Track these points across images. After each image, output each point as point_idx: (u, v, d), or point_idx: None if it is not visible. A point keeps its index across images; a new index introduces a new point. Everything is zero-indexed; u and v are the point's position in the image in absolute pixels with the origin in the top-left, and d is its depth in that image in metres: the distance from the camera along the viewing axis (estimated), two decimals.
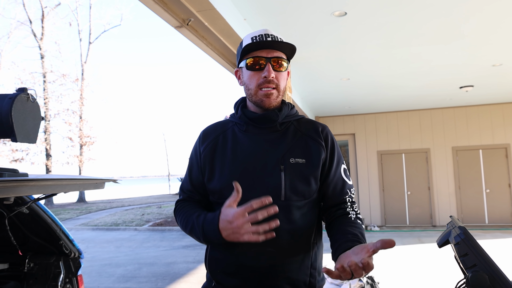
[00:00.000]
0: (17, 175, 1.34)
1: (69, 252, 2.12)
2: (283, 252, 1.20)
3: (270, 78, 1.23)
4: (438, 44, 5.10)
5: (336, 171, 1.30)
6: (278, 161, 1.23)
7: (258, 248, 1.18)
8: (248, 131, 1.30)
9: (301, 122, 1.35)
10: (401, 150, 10.57)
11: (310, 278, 1.23)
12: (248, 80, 1.27)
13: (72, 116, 24.86)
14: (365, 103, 9.38)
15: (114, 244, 10.11)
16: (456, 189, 10.13)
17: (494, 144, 9.98)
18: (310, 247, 1.25)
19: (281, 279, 1.20)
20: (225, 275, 1.25)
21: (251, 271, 1.21)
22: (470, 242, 0.80)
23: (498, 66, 6.20)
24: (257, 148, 1.26)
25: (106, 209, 20.74)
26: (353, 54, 5.45)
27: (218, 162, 1.29)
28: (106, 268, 7.18)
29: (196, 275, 6.45)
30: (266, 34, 1.26)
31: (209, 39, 4.05)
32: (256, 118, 1.28)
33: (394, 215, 10.48)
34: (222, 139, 1.32)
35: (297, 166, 1.23)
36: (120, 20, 37.42)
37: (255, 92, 1.26)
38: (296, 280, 1.21)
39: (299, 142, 1.28)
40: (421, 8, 3.92)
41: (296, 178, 1.22)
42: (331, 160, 1.30)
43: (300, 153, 1.26)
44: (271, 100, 1.25)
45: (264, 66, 1.23)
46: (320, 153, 1.27)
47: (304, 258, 1.23)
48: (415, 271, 6.01)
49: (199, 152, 1.34)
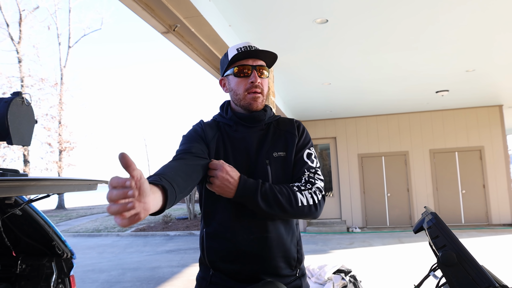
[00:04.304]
0: (18, 175, 1.39)
1: (61, 253, 2.15)
2: (275, 236, 1.36)
3: (257, 83, 1.38)
4: (416, 50, 5.31)
5: (299, 153, 1.44)
6: (264, 156, 1.39)
7: (255, 235, 1.34)
8: (238, 130, 1.43)
9: (280, 122, 1.51)
10: (380, 153, 10.83)
11: (297, 254, 1.42)
12: (236, 86, 1.41)
13: (51, 121, 24.36)
14: (346, 107, 9.59)
15: (96, 250, 9.99)
16: (434, 191, 10.45)
17: (469, 147, 10.35)
18: (294, 228, 1.44)
19: (277, 258, 1.35)
20: (224, 262, 1.36)
21: (250, 256, 1.34)
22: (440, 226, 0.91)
23: (471, 71, 6.48)
24: (248, 146, 1.41)
25: (87, 216, 20.39)
26: (334, 60, 5.62)
27: (221, 157, 1.38)
28: (89, 274, 7.11)
29: (181, 279, 6.46)
30: (250, 46, 1.41)
31: (194, 44, 4.13)
32: (246, 117, 1.42)
33: (375, 216, 10.72)
34: (220, 136, 1.44)
35: (279, 159, 1.40)
36: (100, 24, 36.99)
37: (243, 97, 1.40)
38: (288, 258, 1.38)
39: (279, 138, 1.44)
40: (400, 16, 4.10)
41: (279, 170, 1.39)
42: (298, 145, 1.45)
43: (280, 147, 1.42)
44: (258, 103, 1.40)
45: (251, 73, 1.38)
46: (294, 143, 1.44)
47: (292, 238, 1.41)
48: (396, 270, 6.19)
49: (205, 137, 1.39)
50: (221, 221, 1.37)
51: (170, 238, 11.42)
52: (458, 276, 0.87)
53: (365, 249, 7.94)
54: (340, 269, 4.47)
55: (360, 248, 8.07)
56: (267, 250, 1.34)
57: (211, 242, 1.39)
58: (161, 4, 3.02)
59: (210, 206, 1.40)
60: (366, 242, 8.79)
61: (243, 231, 1.34)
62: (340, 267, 4.47)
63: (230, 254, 1.35)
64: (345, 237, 9.52)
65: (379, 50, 5.24)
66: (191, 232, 12.01)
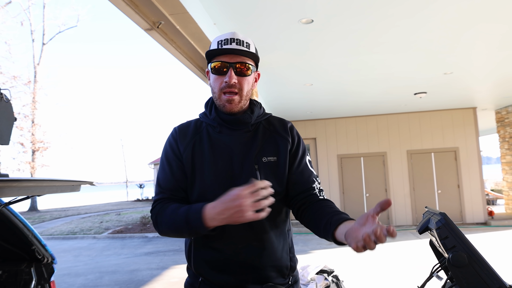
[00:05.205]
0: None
1: (41, 258, 2.04)
2: (267, 244, 1.28)
3: (232, 83, 1.25)
4: (396, 53, 5.39)
5: (301, 161, 1.36)
6: (252, 161, 1.28)
7: (244, 244, 1.26)
8: (222, 132, 1.32)
9: (270, 121, 1.40)
10: (359, 154, 10.98)
11: (290, 262, 1.35)
12: (213, 83, 1.30)
13: (24, 120, 23.57)
14: (326, 108, 9.68)
15: (72, 253, 9.70)
16: (411, 190, 10.67)
17: (444, 148, 10.63)
18: (286, 235, 1.36)
19: (267, 268, 1.29)
20: (213, 271, 1.29)
21: (240, 266, 1.27)
22: (450, 226, 0.90)
23: (449, 74, 6.64)
24: (233, 149, 1.30)
25: (61, 218, 19.81)
26: (317, 60, 5.64)
27: (198, 164, 1.30)
28: (65, 278, 6.88)
29: (161, 281, 6.34)
30: (232, 39, 1.26)
31: (178, 42, 4.06)
32: (231, 120, 1.31)
33: (354, 216, 10.34)
34: (198, 139, 1.34)
35: (270, 165, 1.30)
36: (76, 21, 35.96)
37: (218, 96, 1.29)
38: (279, 266, 1.31)
39: (269, 141, 1.34)
40: (382, 18, 4.15)
41: (270, 176, 1.28)
42: (296, 151, 1.36)
43: (271, 151, 1.32)
44: (233, 106, 1.28)
45: (227, 71, 1.25)
46: (287, 148, 1.34)
47: (284, 246, 1.34)
48: (376, 268, 6.27)
49: (178, 151, 1.33)
50: None
51: (149, 240, 11.22)
52: (469, 277, 0.86)
53: (345, 249, 7.99)
54: (323, 269, 4.48)
55: (340, 248, 8.14)
56: (257, 260, 1.27)
57: (198, 251, 1.32)
58: (146, 0, 2.94)
59: None
60: None
61: (232, 240, 1.27)
62: (323, 267, 4.49)
63: (219, 263, 1.28)
64: None
65: (362, 52, 5.29)
66: None
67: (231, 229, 1.24)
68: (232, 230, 1.24)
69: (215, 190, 1.24)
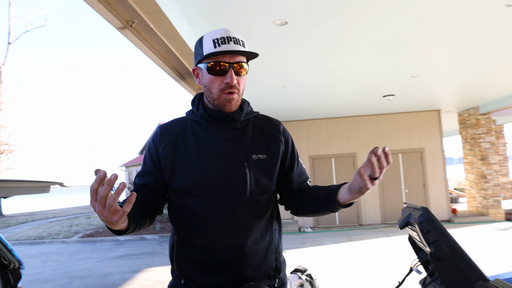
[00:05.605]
0: None
1: (8, 263, 1.97)
2: (251, 243, 1.27)
3: (233, 84, 1.23)
4: (366, 57, 5.58)
5: (298, 162, 1.42)
6: (242, 158, 1.27)
7: (228, 242, 1.24)
8: (209, 129, 1.30)
9: (258, 119, 1.39)
10: (330, 155, 11.21)
11: (275, 263, 1.34)
12: (210, 84, 1.26)
13: None
14: (299, 110, 9.83)
15: (40, 258, 9.39)
16: (380, 190, 10.98)
17: (411, 148, 11.02)
18: (273, 234, 1.34)
19: (251, 268, 1.27)
20: (196, 271, 1.27)
21: (223, 265, 1.25)
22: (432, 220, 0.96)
23: (416, 77, 6.92)
24: (219, 146, 1.28)
25: (28, 222, 19.09)
26: (290, 62, 5.75)
27: (180, 160, 1.28)
28: (32, 284, 6.66)
29: (134, 285, 6.25)
30: (228, 37, 1.22)
31: (152, 42, 4.05)
32: (219, 117, 1.29)
33: (325, 216, 11.04)
34: (182, 136, 1.31)
35: (260, 162, 1.29)
36: (44, 20, 34.85)
37: (217, 97, 1.26)
38: (264, 267, 1.30)
39: (259, 139, 1.33)
40: (354, 22, 4.29)
41: (259, 174, 1.28)
42: (293, 154, 1.40)
43: (261, 149, 1.31)
44: (232, 105, 1.27)
45: (227, 71, 1.23)
46: (279, 148, 1.34)
47: (270, 245, 1.32)
48: (347, 266, 6.43)
49: (156, 151, 1.31)
50: (191, 228, 1.27)
51: (120, 243, 11.01)
52: (451, 270, 0.90)
53: (317, 248, 8.17)
54: (297, 269, 4.57)
55: (313, 247, 8.29)
56: (241, 259, 1.25)
57: (180, 250, 1.31)
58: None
59: (179, 213, 1.31)
60: (317, 241, 9.04)
61: (215, 238, 1.25)
62: (297, 266, 4.58)
63: (201, 263, 1.27)
64: (297, 237, 9.72)
65: (334, 54, 5.43)
66: (142, 237, 11.65)
67: (214, 226, 1.25)
68: (215, 227, 1.25)
69: (199, 187, 1.25)
